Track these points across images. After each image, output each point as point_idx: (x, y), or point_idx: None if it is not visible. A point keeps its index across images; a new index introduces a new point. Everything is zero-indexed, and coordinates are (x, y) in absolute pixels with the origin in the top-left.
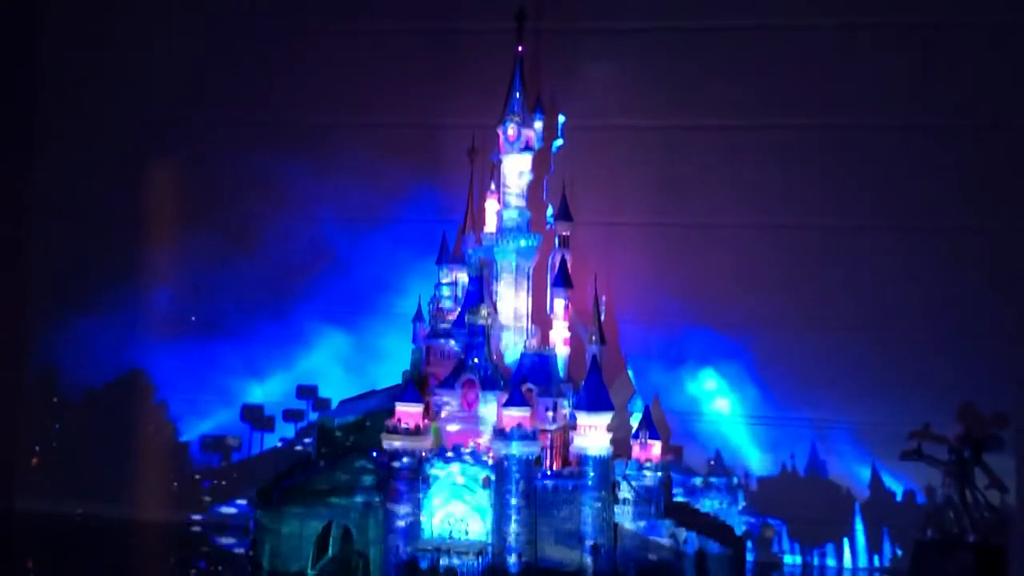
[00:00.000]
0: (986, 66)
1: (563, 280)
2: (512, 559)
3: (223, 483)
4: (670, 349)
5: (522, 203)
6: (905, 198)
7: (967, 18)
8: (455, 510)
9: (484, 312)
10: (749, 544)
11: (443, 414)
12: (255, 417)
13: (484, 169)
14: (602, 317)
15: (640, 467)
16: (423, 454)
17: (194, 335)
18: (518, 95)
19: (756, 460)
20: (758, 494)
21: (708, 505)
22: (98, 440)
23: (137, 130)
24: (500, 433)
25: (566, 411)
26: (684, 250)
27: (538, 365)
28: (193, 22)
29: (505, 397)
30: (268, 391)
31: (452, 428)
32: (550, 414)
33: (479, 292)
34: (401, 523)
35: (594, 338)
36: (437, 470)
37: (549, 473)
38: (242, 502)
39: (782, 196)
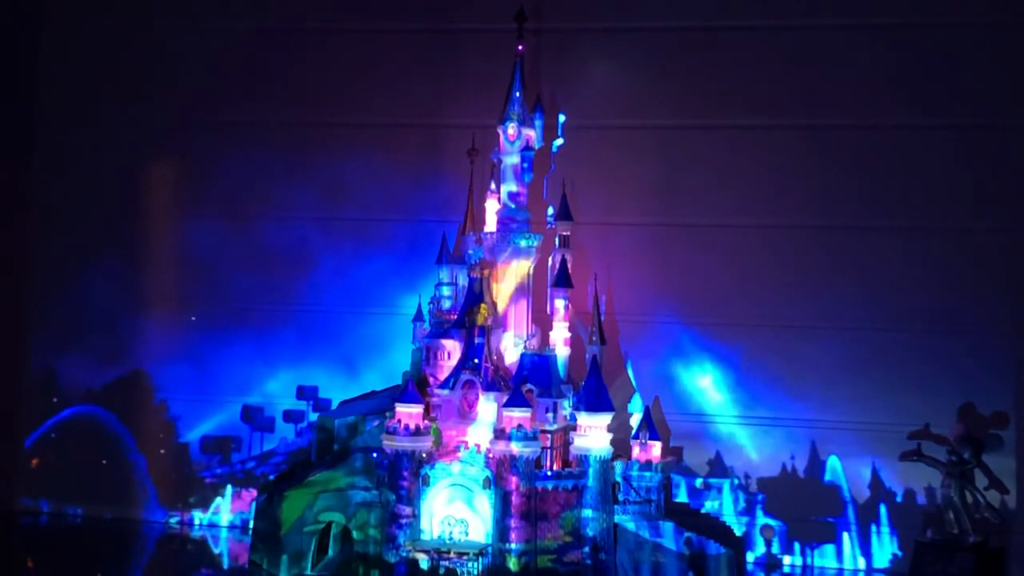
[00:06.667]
0: (986, 66)
1: (563, 280)
2: (512, 560)
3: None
4: (670, 349)
5: (522, 202)
6: (905, 198)
7: (967, 18)
8: (455, 511)
9: (484, 312)
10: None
11: (443, 415)
12: (255, 417)
13: (484, 169)
14: (602, 317)
15: (640, 468)
16: (423, 455)
17: (195, 335)
18: (518, 95)
19: (756, 461)
20: (758, 495)
21: (708, 506)
22: (98, 440)
23: (138, 129)
24: (500, 433)
25: (566, 412)
26: (685, 250)
27: (538, 365)
28: (191, 22)
29: (505, 398)
30: (268, 391)
31: (452, 428)
32: (550, 415)
33: (479, 292)
34: (401, 524)
35: (594, 338)
36: (437, 471)
37: (549, 473)
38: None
39: (782, 196)
